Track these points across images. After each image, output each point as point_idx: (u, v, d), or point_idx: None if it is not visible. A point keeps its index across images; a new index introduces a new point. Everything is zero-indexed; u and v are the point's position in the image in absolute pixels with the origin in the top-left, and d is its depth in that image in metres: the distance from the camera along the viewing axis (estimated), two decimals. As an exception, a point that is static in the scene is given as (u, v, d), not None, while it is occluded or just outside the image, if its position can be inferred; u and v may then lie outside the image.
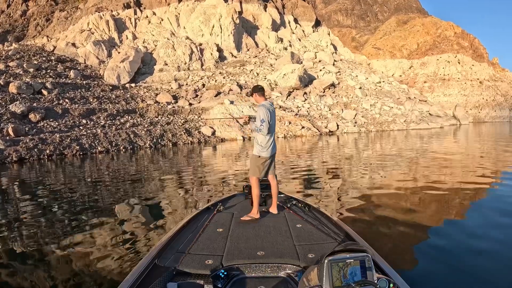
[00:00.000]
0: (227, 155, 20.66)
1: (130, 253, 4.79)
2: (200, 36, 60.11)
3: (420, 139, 28.04)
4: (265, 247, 3.28)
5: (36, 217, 7.03)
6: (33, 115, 25.74)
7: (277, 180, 4.82)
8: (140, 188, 10.05)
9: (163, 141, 27.81)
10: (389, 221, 6.09)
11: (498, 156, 16.37)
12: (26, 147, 20.14)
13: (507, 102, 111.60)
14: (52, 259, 4.75)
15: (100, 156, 21.17)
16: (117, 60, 46.78)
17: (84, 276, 4.19)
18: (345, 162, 15.09)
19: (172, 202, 8.05)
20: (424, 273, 4.00)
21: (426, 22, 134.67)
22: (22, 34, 75.27)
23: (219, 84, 46.67)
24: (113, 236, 5.60)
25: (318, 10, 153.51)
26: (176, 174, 13.02)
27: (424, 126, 46.93)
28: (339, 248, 2.08)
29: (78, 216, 6.98)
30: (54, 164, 17.55)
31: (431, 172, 11.54)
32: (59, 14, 72.39)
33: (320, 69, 57.06)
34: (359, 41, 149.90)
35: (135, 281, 2.53)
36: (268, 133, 4.56)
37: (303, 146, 24.38)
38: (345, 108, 46.02)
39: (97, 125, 27.93)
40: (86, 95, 34.98)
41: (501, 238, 5.17)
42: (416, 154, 17.50)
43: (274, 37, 66.68)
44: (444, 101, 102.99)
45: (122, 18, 61.91)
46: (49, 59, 46.12)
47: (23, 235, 5.89)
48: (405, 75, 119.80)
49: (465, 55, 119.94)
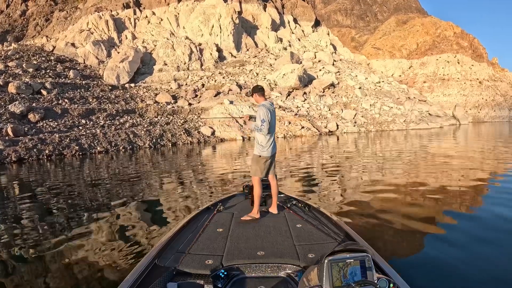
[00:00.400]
0: (226, 155, 20.64)
1: (130, 253, 4.77)
2: (200, 36, 60.09)
3: (420, 139, 28.02)
4: (265, 247, 3.28)
5: (34, 217, 7.00)
6: (32, 115, 25.70)
7: (277, 179, 4.83)
8: (140, 188, 10.01)
9: (163, 141, 27.78)
10: (389, 221, 6.08)
11: (498, 155, 16.35)
12: (25, 147, 20.10)
13: (506, 102, 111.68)
14: (51, 260, 4.72)
15: (100, 156, 21.14)
16: (116, 60, 46.75)
17: (84, 276, 4.17)
18: (345, 162, 15.06)
19: (171, 202, 8.02)
20: (424, 273, 3.99)
21: (425, 22, 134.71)
22: (22, 34, 75.17)
23: (218, 84, 46.65)
24: (113, 236, 5.58)
25: (318, 10, 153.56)
26: (176, 174, 13.00)
27: (423, 126, 46.93)
28: (339, 248, 2.08)
29: (77, 216, 6.94)
30: (53, 164, 17.52)
31: (431, 172, 11.51)
32: (58, 14, 72.32)
33: (320, 69, 57.07)
34: (358, 41, 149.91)
35: (135, 281, 2.53)
36: (268, 133, 4.56)
37: (303, 146, 24.37)
38: (344, 108, 46.01)
39: (97, 125, 27.90)
40: (85, 95, 34.96)
41: (502, 238, 5.15)
42: (416, 154, 17.48)
43: (274, 37, 66.68)
44: (444, 101, 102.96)
45: (121, 18, 61.89)
46: (49, 59, 46.11)
47: (21, 235, 5.86)
48: (404, 75, 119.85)
49: (464, 55, 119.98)
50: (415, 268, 4.15)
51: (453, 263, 4.25)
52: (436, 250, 4.70)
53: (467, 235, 5.24)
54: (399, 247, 4.99)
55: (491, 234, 5.32)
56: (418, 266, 4.20)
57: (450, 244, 4.91)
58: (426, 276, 3.91)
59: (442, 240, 5.10)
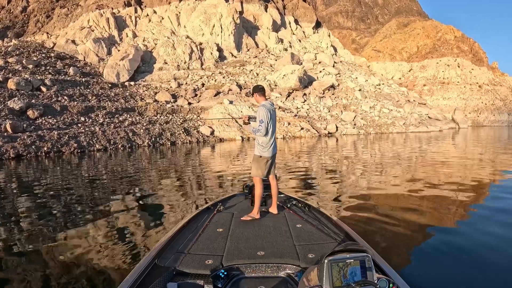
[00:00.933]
0: (225, 155, 20.58)
1: (130, 253, 4.74)
2: (200, 35, 60.06)
3: (419, 142, 27.98)
4: (265, 247, 3.27)
5: (32, 215, 6.94)
6: (31, 111, 25.64)
7: (277, 179, 4.82)
8: (139, 187, 9.96)
9: (162, 140, 27.73)
10: (389, 221, 6.07)
11: (496, 159, 16.30)
12: (23, 144, 20.05)
13: (506, 107, 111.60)
14: (50, 259, 4.65)
15: (98, 154, 21.09)
16: (116, 58, 46.66)
17: (83, 275, 4.12)
18: (344, 164, 15.02)
19: (170, 202, 7.96)
20: (424, 273, 3.99)
21: (426, 25, 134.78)
22: (22, 30, 75.12)
23: (218, 84, 46.62)
24: (112, 236, 5.52)
25: (319, 12, 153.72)
26: (175, 173, 12.95)
27: (423, 129, 46.96)
28: (339, 248, 2.07)
29: (75, 214, 6.89)
30: (51, 162, 17.46)
31: (431, 174, 11.47)
32: (59, 11, 72.21)
33: (320, 71, 57.09)
34: (359, 43, 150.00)
35: (135, 281, 2.52)
36: (267, 133, 4.54)
37: (302, 147, 24.32)
38: (344, 110, 46.01)
39: (96, 123, 27.85)
40: (85, 93, 34.87)
41: (503, 239, 5.15)
42: (416, 156, 17.44)
43: (275, 37, 66.68)
44: (443, 104, 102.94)
45: (122, 16, 61.81)
46: (49, 56, 45.99)
47: (19, 233, 5.80)
48: (404, 78, 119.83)
49: (464, 59, 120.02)
50: (415, 268, 4.15)
51: (453, 263, 4.25)
52: (436, 251, 4.71)
53: (468, 237, 5.25)
54: (399, 247, 4.98)
55: (491, 235, 5.30)
56: (418, 266, 4.19)
57: (450, 244, 4.90)
58: (426, 276, 3.90)
59: (442, 241, 5.10)
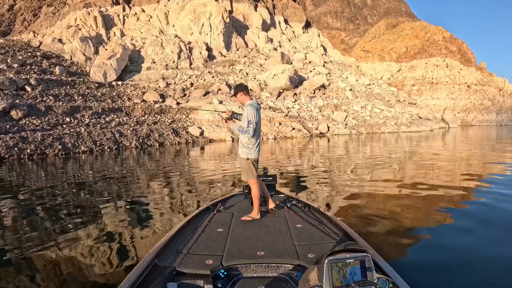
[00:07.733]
0: (215, 156, 20.08)
1: (129, 253, 4.77)
2: (189, 34, 59.42)
3: (415, 142, 27.83)
4: (265, 247, 3.30)
5: (19, 220, 6.66)
6: (15, 112, 24.84)
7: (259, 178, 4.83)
8: (128, 189, 9.68)
9: (150, 141, 27.15)
10: (389, 221, 6.08)
11: (486, 157, 16.16)
12: (5, 146, 19.36)
13: (494, 106, 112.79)
14: (42, 263, 4.49)
15: (84, 156, 20.45)
16: (104, 57, 45.77)
17: (82, 276, 4.09)
18: (338, 164, 14.69)
19: (164, 205, 7.74)
20: (424, 273, 3.99)
21: (415, 26, 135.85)
22: (9, 29, 73.47)
23: (207, 84, 46.09)
24: (111, 236, 5.45)
25: (308, 12, 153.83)
26: (165, 175, 12.47)
27: (414, 129, 47.01)
28: (339, 248, 2.08)
29: (64, 219, 6.66)
30: (35, 164, 16.81)
31: (430, 174, 11.28)
32: (46, 9, 70.82)
33: (310, 70, 56.93)
34: (348, 43, 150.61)
35: (135, 281, 2.52)
36: (254, 135, 4.44)
37: (294, 148, 23.94)
38: (335, 110, 45.83)
39: (81, 124, 27.13)
40: (71, 92, 34.02)
41: (501, 237, 5.24)
42: (411, 156, 17.22)
43: (264, 37, 66.34)
44: (433, 104, 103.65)
45: (110, 14, 60.85)
46: (35, 55, 44.87)
47: (11, 238, 5.47)
48: (393, 78, 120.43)
49: (453, 59, 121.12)
50: (415, 268, 4.16)
51: (453, 264, 4.28)
52: (436, 250, 4.72)
53: (468, 236, 5.26)
54: (399, 247, 4.99)
55: (492, 235, 5.33)
56: (418, 266, 4.21)
57: (450, 244, 4.92)
58: (426, 276, 3.91)
59: (442, 241, 5.10)
